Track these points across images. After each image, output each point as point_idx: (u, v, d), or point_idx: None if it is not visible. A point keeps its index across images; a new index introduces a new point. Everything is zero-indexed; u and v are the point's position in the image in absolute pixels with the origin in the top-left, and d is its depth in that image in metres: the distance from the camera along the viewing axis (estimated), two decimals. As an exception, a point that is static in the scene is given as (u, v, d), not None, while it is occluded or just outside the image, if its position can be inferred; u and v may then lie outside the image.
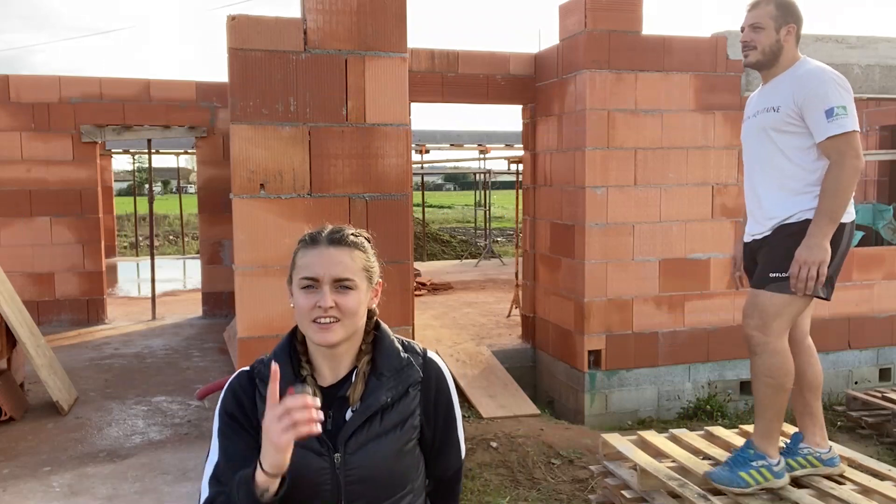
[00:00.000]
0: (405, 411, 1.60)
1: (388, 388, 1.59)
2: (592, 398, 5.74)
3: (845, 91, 2.84)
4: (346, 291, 1.55)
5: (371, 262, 1.63)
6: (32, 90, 8.29)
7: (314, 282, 1.55)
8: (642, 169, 5.69)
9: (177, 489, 4.19)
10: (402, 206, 4.11)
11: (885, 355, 6.44)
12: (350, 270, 1.56)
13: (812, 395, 3.09)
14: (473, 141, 15.46)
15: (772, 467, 2.94)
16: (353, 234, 1.62)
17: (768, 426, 2.97)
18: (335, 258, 1.56)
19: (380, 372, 1.61)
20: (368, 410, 1.56)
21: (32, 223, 8.36)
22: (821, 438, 3.12)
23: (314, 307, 1.53)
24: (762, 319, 2.90)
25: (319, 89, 3.90)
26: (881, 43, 6.08)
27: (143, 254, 16.13)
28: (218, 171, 8.90)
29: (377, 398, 1.57)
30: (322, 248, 1.57)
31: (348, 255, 1.58)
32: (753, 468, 2.93)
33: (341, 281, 1.55)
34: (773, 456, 2.96)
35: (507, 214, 27.21)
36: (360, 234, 1.64)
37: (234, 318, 4.92)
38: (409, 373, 1.63)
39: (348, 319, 1.55)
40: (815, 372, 3.08)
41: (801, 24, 3.02)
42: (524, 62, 6.42)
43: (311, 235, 1.62)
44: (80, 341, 7.79)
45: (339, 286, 1.55)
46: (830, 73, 2.88)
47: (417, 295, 9.23)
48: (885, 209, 9.41)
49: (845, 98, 2.82)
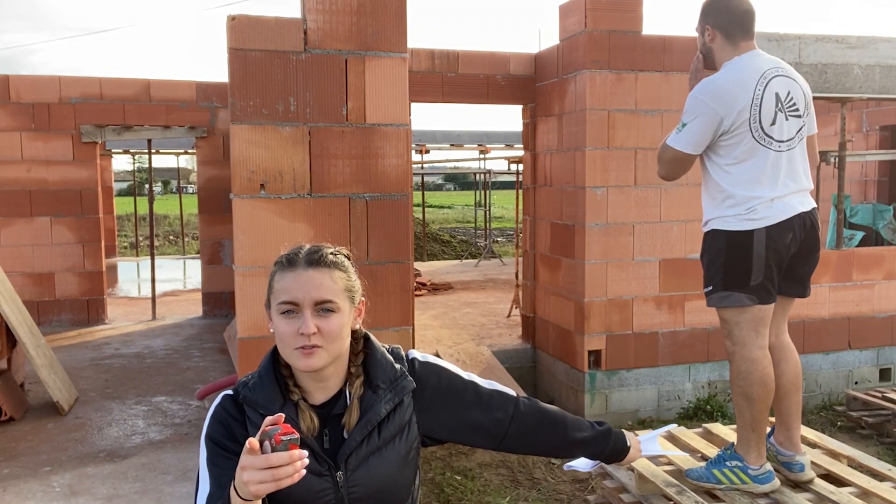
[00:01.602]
0: (401, 421, 1.57)
1: (385, 401, 1.55)
2: (592, 398, 5.74)
3: (696, 105, 2.81)
4: (328, 315, 1.49)
5: (352, 282, 1.56)
6: (32, 90, 8.29)
7: (294, 306, 1.48)
8: (642, 169, 5.69)
9: (177, 489, 4.19)
10: (402, 206, 4.11)
11: (885, 355, 6.43)
12: (331, 292, 1.49)
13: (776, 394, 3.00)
14: (473, 141, 15.47)
15: (747, 470, 2.91)
16: (331, 253, 1.55)
17: (742, 434, 2.95)
18: (315, 280, 1.49)
19: (376, 385, 1.56)
20: (369, 425, 1.53)
21: (32, 223, 8.37)
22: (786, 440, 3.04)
23: (296, 334, 1.46)
24: (726, 329, 2.93)
25: (319, 89, 3.91)
26: (881, 43, 6.08)
27: (144, 254, 16.13)
28: (218, 171, 8.90)
29: (377, 412, 1.54)
30: (300, 270, 1.50)
31: (328, 276, 1.51)
32: (727, 468, 2.94)
33: (322, 304, 1.48)
34: (751, 462, 2.93)
35: (507, 214, 27.21)
36: (339, 252, 1.58)
37: (234, 318, 4.92)
38: (404, 384, 1.59)
39: (331, 344, 1.49)
40: (778, 372, 2.99)
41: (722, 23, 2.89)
42: (524, 62, 6.42)
43: (287, 257, 1.54)
44: (80, 341, 7.79)
45: (320, 309, 1.48)
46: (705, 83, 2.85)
47: (417, 295, 9.23)
48: (885, 209, 9.41)
49: (690, 115, 2.82)
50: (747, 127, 2.77)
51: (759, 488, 2.92)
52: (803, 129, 2.90)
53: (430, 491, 4.28)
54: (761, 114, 2.77)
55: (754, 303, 2.84)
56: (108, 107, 8.47)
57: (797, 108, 2.86)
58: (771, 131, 2.79)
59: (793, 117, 2.84)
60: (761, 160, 2.80)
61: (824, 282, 6.08)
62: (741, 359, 2.89)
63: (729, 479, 2.94)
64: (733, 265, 2.83)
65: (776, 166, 2.81)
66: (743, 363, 2.88)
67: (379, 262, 4.06)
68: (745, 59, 2.86)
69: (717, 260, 2.88)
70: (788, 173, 2.83)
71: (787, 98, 2.83)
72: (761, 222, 2.79)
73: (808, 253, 2.93)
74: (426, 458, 4.62)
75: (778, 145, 2.81)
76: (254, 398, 1.52)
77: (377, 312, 3.98)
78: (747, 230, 2.79)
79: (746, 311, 2.86)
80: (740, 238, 2.81)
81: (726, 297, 2.86)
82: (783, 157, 2.82)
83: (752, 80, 2.79)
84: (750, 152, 2.79)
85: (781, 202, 2.80)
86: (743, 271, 2.82)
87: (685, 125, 2.83)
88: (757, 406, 2.89)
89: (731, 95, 2.78)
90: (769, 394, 2.89)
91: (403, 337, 4.11)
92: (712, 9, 2.93)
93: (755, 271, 2.81)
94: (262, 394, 1.52)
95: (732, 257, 2.83)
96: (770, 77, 2.82)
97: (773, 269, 2.83)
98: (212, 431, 1.52)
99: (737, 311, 2.86)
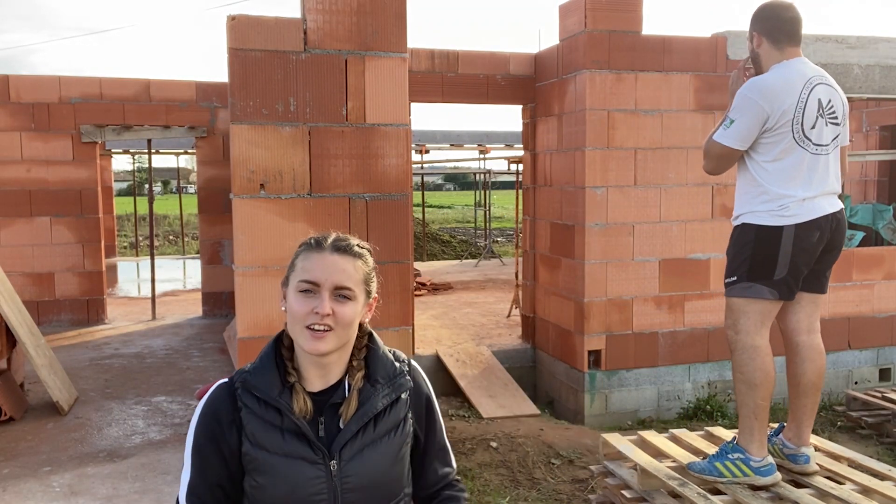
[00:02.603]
0: (397, 417, 1.60)
1: (383, 396, 1.58)
2: (592, 398, 5.74)
3: (744, 103, 2.93)
4: (344, 301, 1.52)
5: (371, 275, 1.61)
6: (32, 90, 8.29)
7: (314, 286, 1.51)
8: (642, 169, 5.69)
9: (177, 489, 4.18)
10: (402, 206, 4.11)
11: (885, 355, 6.44)
12: (352, 280, 1.54)
13: (794, 391, 3.12)
14: (473, 141, 15.47)
15: (749, 462, 2.96)
16: (357, 244, 1.59)
17: (745, 423, 3.01)
18: (339, 265, 1.53)
19: (375, 379, 1.59)
20: (365, 417, 1.55)
21: (32, 223, 8.36)
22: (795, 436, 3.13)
23: (310, 313, 1.50)
24: (731, 318, 3.04)
25: (319, 89, 3.90)
26: (881, 43, 6.08)
27: (143, 254, 16.13)
28: (218, 171, 8.90)
29: (373, 405, 1.56)
30: (326, 253, 1.54)
31: (352, 264, 1.55)
32: (729, 460, 2.99)
33: (341, 290, 1.52)
34: (752, 453, 2.98)
35: (507, 214, 27.22)
36: (364, 245, 1.62)
37: (234, 318, 4.92)
38: (402, 381, 1.62)
39: (342, 330, 1.52)
40: (801, 371, 3.11)
41: (768, 29, 3.03)
42: (524, 62, 6.42)
43: (315, 239, 1.58)
44: (80, 341, 7.79)
45: (338, 294, 1.52)
46: (752, 82, 2.97)
47: (417, 295, 9.23)
48: (885, 209, 9.40)
49: (738, 112, 2.95)
50: (790, 127, 2.90)
51: (760, 480, 2.95)
52: (838, 138, 3.03)
53: (430, 491, 4.27)
54: (804, 116, 2.91)
55: (775, 297, 2.96)
56: (108, 107, 8.46)
57: (836, 116, 3.00)
58: (811, 134, 2.93)
59: (832, 124, 2.98)
60: (798, 160, 2.93)
61: (824, 282, 6.08)
62: (743, 347, 2.98)
63: (731, 472, 2.98)
64: (760, 258, 2.95)
65: (811, 168, 2.94)
66: (745, 351, 2.98)
67: (379, 263, 4.00)
68: (792, 64, 3.00)
69: (744, 252, 2.99)
70: (821, 176, 2.97)
71: (828, 105, 2.97)
72: (791, 219, 2.91)
73: (831, 250, 3.05)
74: (426, 458, 4.62)
75: (815, 148, 2.94)
76: (253, 382, 1.55)
77: (377, 312, 3.98)
78: (777, 226, 2.92)
79: (758, 302, 2.96)
80: (769, 233, 2.93)
81: (749, 287, 2.97)
82: (819, 161, 2.96)
83: (798, 83, 2.93)
84: (788, 152, 2.92)
85: (812, 203, 2.93)
86: (768, 265, 2.93)
87: (733, 121, 2.95)
88: (759, 393, 2.96)
89: (779, 95, 2.90)
90: (771, 382, 2.99)
91: (403, 337, 4.11)
92: (760, 16, 3.07)
93: (780, 266, 2.92)
94: (262, 378, 1.55)
95: (760, 250, 2.95)
96: (815, 84, 2.96)
97: (798, 267, 2.95)
98: (200, 422, 1.55)
99: (750, 301, 2.97)
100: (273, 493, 1.50)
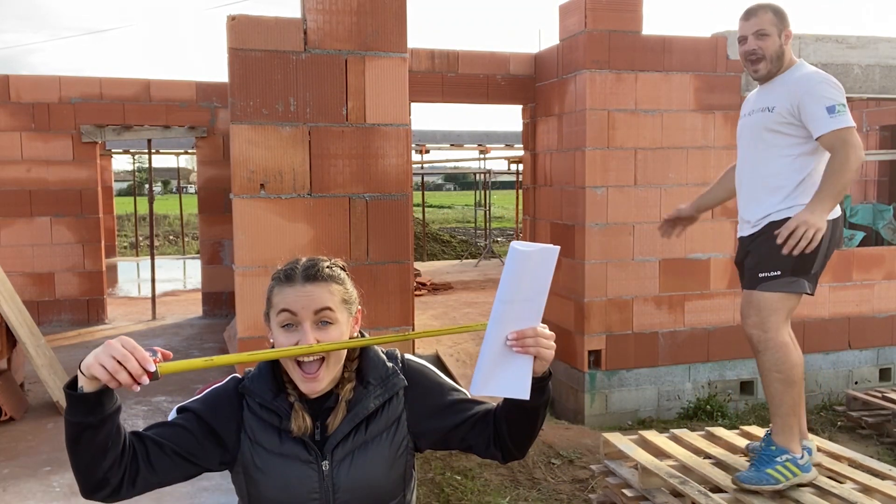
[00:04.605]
0: (390, 418, 1.60)
1: (375, 396, 1.58)
2: (592, 398, 5.74)
3: (840, 93, 2.94)
4: (326, 327, 1.52)
5: (349, 293, 1.59)
6: (32, 90, 8.28)
7: (294, 319, 1.51)
8: (642, 169, 5.69)
9: (177, 489, 4.18)
10: (402, 205, 4.11)
11: (885, 355, 6.44)
12: (331, 304, 1.53)
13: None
14: (473, 141, 15.47)
15: (797, 461, 2.95)
16: (327, 266, 1.58)
17: (785, 421, 2.98)
18: (314, 295, 1.52)
19: (367, 381, 1.59)
20: (356, 418, 1.56)
21: (32, 223, 8.36)
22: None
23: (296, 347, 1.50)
24: (759, 317, 2.97)
25: (319, 89, 3.91)
26: (881, 43, 6.08)
27: (143, 254, 16.13)
28: (218, 171, 8.90)
29: (365, 406, 1.57)
30: (297, 286, 1.53)
31: (326, 289, 1.53)
32: (779, 464, 2.94)
33: (322, 317, 1.51)
34: (795, 451, 2.97)
35: (507, 214, 27.22)
36: (335, 264, 1.60)
37: (234, 318, 4.92)
38: (395, 381, 1.62)
39: (332, 356, 1.52)
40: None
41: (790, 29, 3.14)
42: (524, 62, 6.42)
43: (284, 272, 1.57)
44: (80, 341, 7.79)
45: (319, 322, 1.52)
46: (826, 75, 3.00)
47: (417, 295, 9.23)
48: (885, 209, 9.40)
49: (842, 98, 2.93)
50: None
51: (807, 477, 2.97)
52: None
53: (430, 491, 4.28)
54: None
55: (811, 291, 2.97)
56: (108, 107, 8.46)
57: None
58: None
59: None
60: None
61: (824, 282, 6.07)
62: (776, 345, 2.95)
63: (785, 476, 2.93)
64: (807, 252, 2.88)
65: None
66: (778, 349, 2.95)
67: (379, 262, 4.06)
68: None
69: None
70: None
71: None
72: (832, 214, 2.92)
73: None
74: (426, 458, 4.62)
75: None
76: (252, 388, 1.59)
77: (377, 312, 3.98)
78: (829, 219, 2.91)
79: (793, 298, 2.96)
80: None
81: (793, 282, 2.95)
82: None
83: None
84: None
85: None
86: (810, 259, 2.92)
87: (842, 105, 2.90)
88: (797, 389, 2.96)
89: None
90: (802, 376, 2.99)
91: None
92: (787, 14, 3.11)
93: (819, 260, 2.93)
94: (260, 386, 1.58)
95: None
96: None
97: (825, 261, 2.97)
98: (203, 405, 1.59)
99: (787, 297, 2.95)
100: (267, 490, 1.54)
